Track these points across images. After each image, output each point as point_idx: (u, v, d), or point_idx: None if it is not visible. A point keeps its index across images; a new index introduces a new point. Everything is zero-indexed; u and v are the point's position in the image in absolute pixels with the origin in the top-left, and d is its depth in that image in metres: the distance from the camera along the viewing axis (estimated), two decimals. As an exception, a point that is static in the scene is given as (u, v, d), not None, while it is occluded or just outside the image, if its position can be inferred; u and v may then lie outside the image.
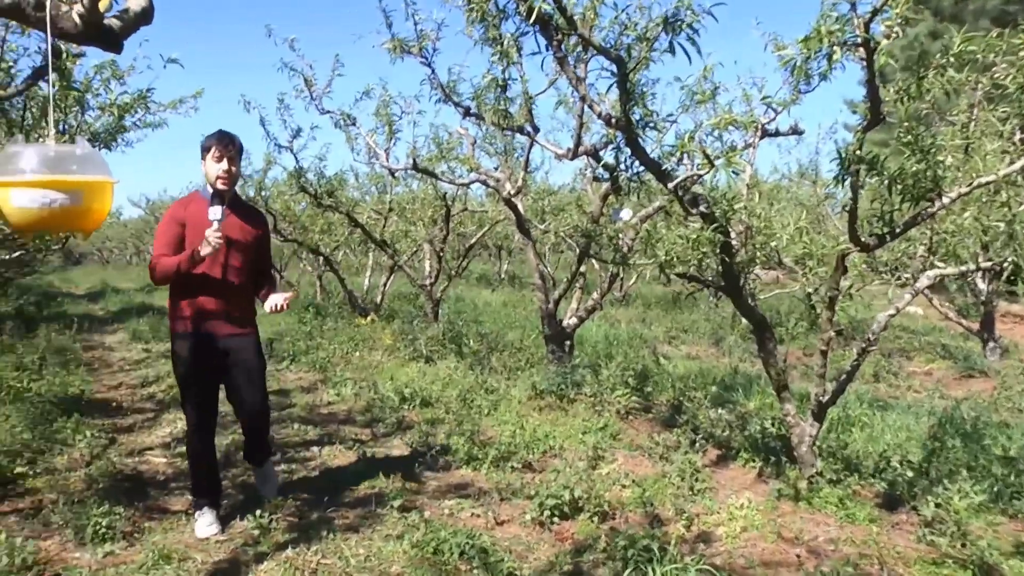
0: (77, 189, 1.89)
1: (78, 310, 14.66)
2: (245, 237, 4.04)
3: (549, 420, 6.04)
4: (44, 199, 1.85)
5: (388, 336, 9.44)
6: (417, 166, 7.76)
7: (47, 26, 1.81)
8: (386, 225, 12.20)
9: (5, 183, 1.89)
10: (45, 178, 1.88)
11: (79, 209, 1.90)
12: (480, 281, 21.46)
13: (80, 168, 1.93)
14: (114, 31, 1.92)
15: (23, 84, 3.77)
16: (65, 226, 2.03)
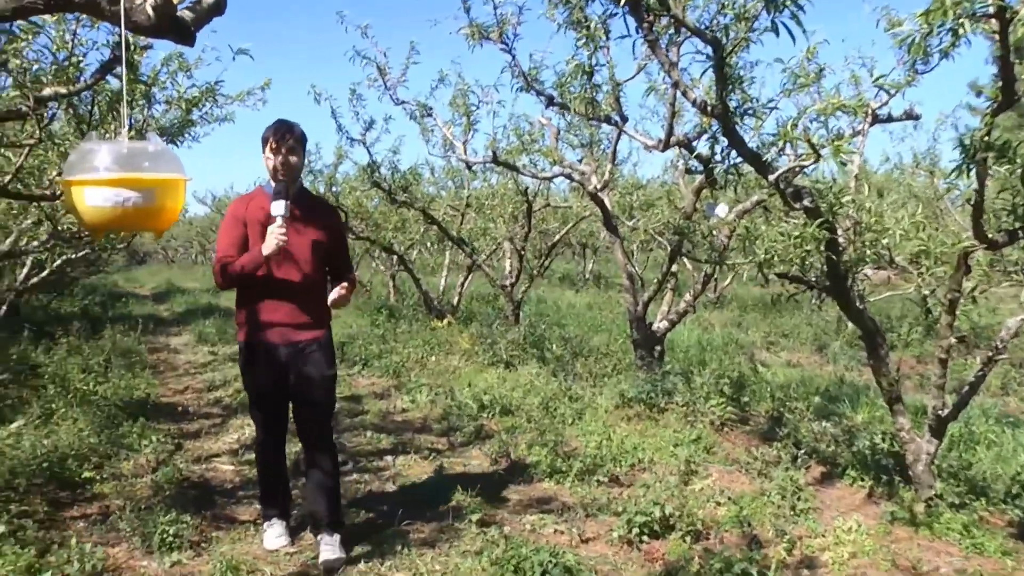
0: (150, 187, 1.95)
1: (143, 311, 15.22)
2: (314, 234, 3.90)
3: (638, 431, 5.99)
4: (117, 198, 1.91)
5: (466, 340, 9.51)
6: (497, 159, 7.79)
7: (121, 20, 1.88)
8: (463, 222, 12.29)
9: (79, 181, 1.97)
10: (118, 176, 1.94)
11: (152, 208, 1.96)
12: (563, 281, 21.44)
13: (153, 165, 1.99)
14: (187, 23, 1.98)
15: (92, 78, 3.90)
16: (138, 225, 2.10)
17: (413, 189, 10.64)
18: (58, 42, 4.01)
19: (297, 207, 3.87)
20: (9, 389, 6.54)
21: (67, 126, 5.92)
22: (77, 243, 8.49)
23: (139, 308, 15.81)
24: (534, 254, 14.59)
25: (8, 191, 4.72)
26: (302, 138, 3.90)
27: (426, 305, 12.34)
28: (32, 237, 7.34)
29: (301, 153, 3.91)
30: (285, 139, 3.81)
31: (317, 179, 11.89)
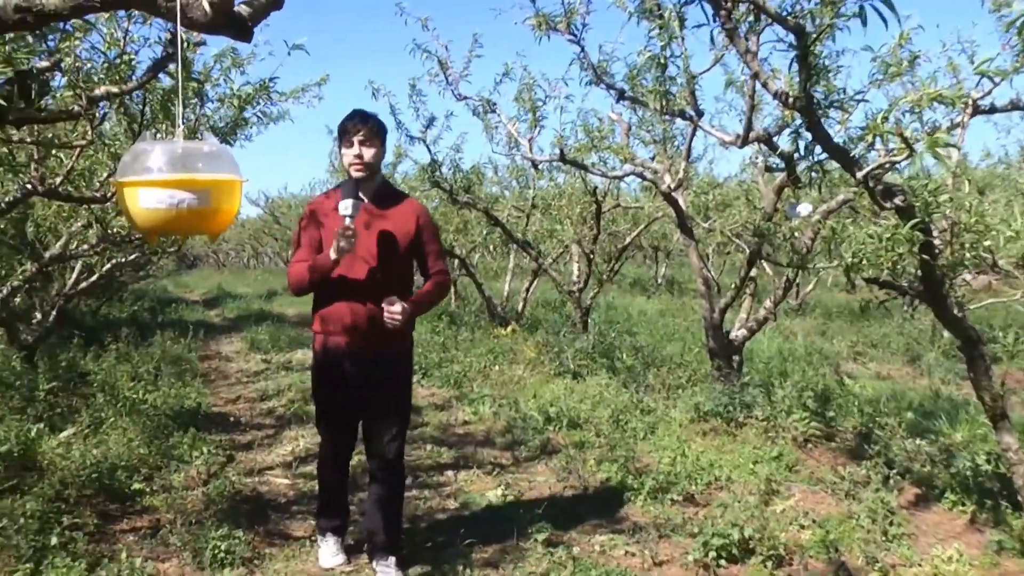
0: (205, 188, 1.99)
1: (193, 317, 15.57)
2: (391, 233, 3.84)
3: (714, 446, 5.94)
4: (171, 200, 1.96)
5: (531, 348, 9.52)
6: (565, 157, 7.79)
7: (176, 16, 1.93)
8: (529, 224, 12.31)
9: (133, 183, 2.03)
10: (172, 177, 1.99)
11: (207, 210, 2.01)
12: (634, 287, 21.32)
13: (208, 166, 2.04)
14: (244, 18, 2.02)
15: (144, 77, 4.01)
16: (192, 228, 2.15)
17: (476, 189, 10.70)
18: (109, 40, 4.12)
19: (374, 204, 3.84)
20: (59, 397, 6.74)
21: (118, 126, 6.09)
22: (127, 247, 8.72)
23: (189, 314, 16.18)
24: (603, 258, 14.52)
25: (59, 193, 4.87)
26: (378, 129, 3.85)
27: (489, 312, 12.39)
28: (82, 240, 7.55)
29: (378, 145, 3.85)
30: (358, 130, 3.77)
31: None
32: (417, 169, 11.10)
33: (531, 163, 9.50)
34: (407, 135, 9.53)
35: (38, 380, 6.68)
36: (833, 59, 4.07)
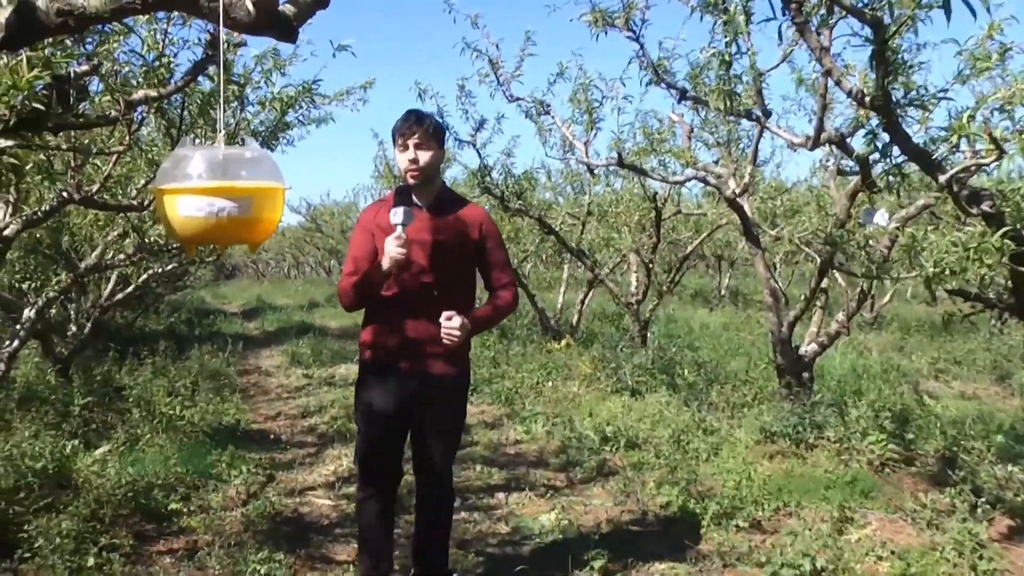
0: (246, 196, 2.02)
1: (232, 329, 15.78)
2: (450, 242, 3.73)
3: (782, 470, 5.87)
4: (211, 208, 1.99)
5: (586, 364, 9.50)
6: (622, 161, 7.78)
7: (219, 16, 1.96)
8: (584, 231, 12.30)
9: (171, 190, 2.06)
10: (212, 185, 2.02)
11: (248, 219, 2.03)
12: (696, 298, 21.19)
13: (250, 173, 2.07)
14: (289, 18, 2.05)
15: (182, 79, 4.08)
16: (232, 237, 2.18)
17: (528, 195, 10.72)
18: (148, 42, 4.20)
19: (432, 212, 3.75)
20: (94, 413, 6.87)
21: (156, 131, 6.20)
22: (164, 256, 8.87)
23: (227, 326, 16.40)
24: (663, 267, 14.48)
25: (95, 201, 4.97)
26: (435, 131, 3.75)
27: (542, 325, 12.38)
28: (118, 250, 7.69)
29: (435, 148, 3.74)
30: (413, 132, 3.67)
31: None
32: (466, 174, 11.17)
33: (587, 168, 9.49)
34: (456, 138, 9.60)
35: (73, 395, 6.82)
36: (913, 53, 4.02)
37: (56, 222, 6.69)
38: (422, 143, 3.69)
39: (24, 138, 3.11)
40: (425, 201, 3.77)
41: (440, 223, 3.75)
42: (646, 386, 8.48)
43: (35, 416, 6.12)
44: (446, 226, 3.75)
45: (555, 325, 12.33)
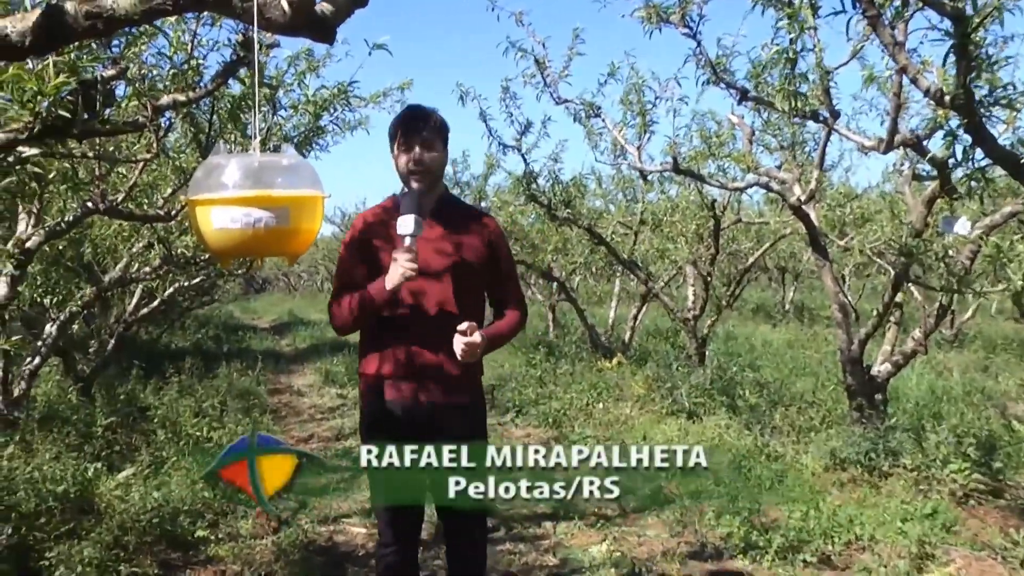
0: (284, 206, 2.05)
1: (262, 346, 15.92)
2: (460, 257, 3.50)
3: (854, 500, 5.81)
4: (247, 218, 2.02)
5: (640, 383, 9.47)
6: (678, 166, 7.76)
7: (254, 17, 2.00)
8: (637, 242, 12.27)
9: (205, 201, 2.09)
10: (248, 194, 2.05)
11: (286, 229, 2.06)
12: (758, 313, 21.05)
13: (287, 181, 2.10)
14: (326, 18, 2.08)
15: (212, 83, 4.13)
16: (269, 249, 2.22)
17: (577, 203, 10.71)
18: (176, 44, 4.26)
19: (438, 221, 3.52)
20: (117, 434, 6.97)
21: (183, 137, 6.29)
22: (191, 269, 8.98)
23: (257, 343, 16.56)
24: (722, 280, 14.38)
25: (121, 211, 5.06)
26: (441, 128, 3.53)
27: (592, 342, 12.36)
28: (143, 263, 7.80)
29: (440, 148, 3.53)
30: (417, 129, 3.46)
31: (464, 192, 12.13)
32: (511, 181, 11.18)
33: (640, 173, 9.50)
34: (499, 143, 9.56)
35: (95, 415, 6.92)
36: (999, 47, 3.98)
37: (79, 233, 6.81)
38: (428, 141, 3.47)
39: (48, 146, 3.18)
40: (428, 209, 3.49)
41: (448, 233, 3.53)
42: (704, 408, 8.43)
43: (56, 437, 6.22)
44: (456, 236, 3.54)
45: (606, 342, 12.30)
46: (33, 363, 6.38)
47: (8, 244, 4.48)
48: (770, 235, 13.31)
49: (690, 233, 11.77)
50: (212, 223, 2.07)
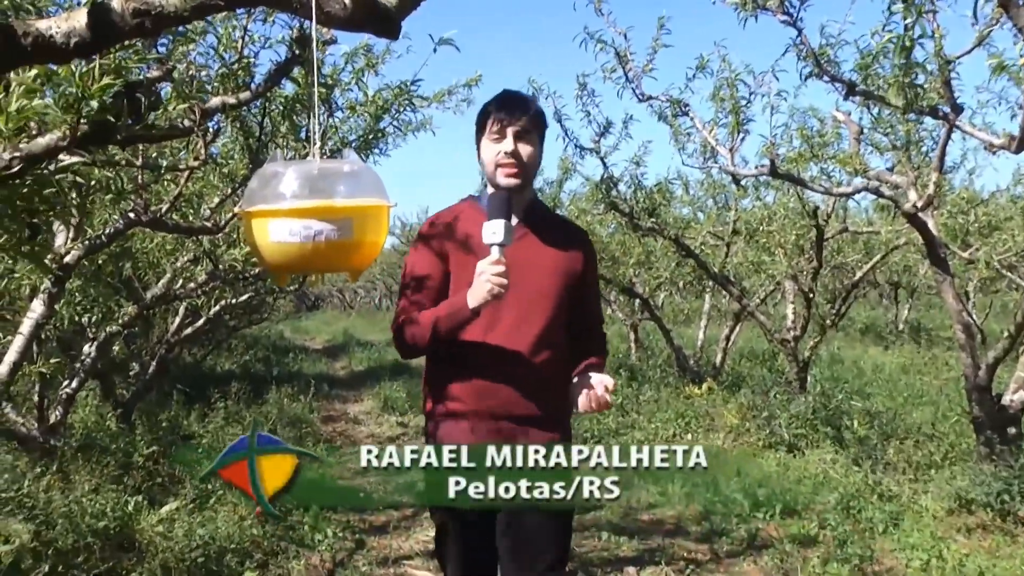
0: (346, 217, 2.07)
1: (315, 369, 16.09)
2: (552, 273, 3.27)
3: (984, 548, 5.71)
4: (307, 231, 2.05)
5: (732, 412, 9.41)
6: (776, 169, 7.70)
7: (312, 10, 2.03)
8: (729, 254, 12.20)
9: (260, 212, 2.13)
10: (307, 205, 2.08)
11: (349, 243, 2.09)
12: (867, 334, 20.76)
13: (349, 189, 2.13)
14: (390, 11, 2.10)
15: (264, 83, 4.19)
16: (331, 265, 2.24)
17: (662, 211, 10.68)
18: (226, 41, 4.33)
19: (528, 230, 3.31)
20: (159, 465, 7.08)
21: (232, 142, 6.38)
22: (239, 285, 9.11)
23: (310, 366, 16.74)
24: (826, 297, 14.24)
25: (165, 223, 5.15)
26: (539, 119, 3.33)
27: (679, 365, 12.31)
28: (188, 278, 7.90)
29: (537, 142, 3.32)
30: (513, 116, 3.22)
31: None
32: (588, 187, 11.19)
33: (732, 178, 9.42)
34: (576, 145, 9.54)
35: (136, 443, 7.05)
36: None
37: (119, 246, 6.94)
38: (525, 132, 3.24)
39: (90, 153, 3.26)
40: (518, 213, 3.28)
41: (541, 244, 3.31)
42: (806, 440, 8.36)
43: (95, 467, 6.34)
44: (547, 247, 3.31)
45: (694, 366, 12.24)
46: (70, 387, 6.52)
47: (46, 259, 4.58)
48: (881, 246, 13.13)
49: (789, 244, 11.65)
50: (269, 236, 2.10)
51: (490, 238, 2.97)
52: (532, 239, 3.30)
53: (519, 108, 3.25)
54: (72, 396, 6.58)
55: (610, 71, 8.10)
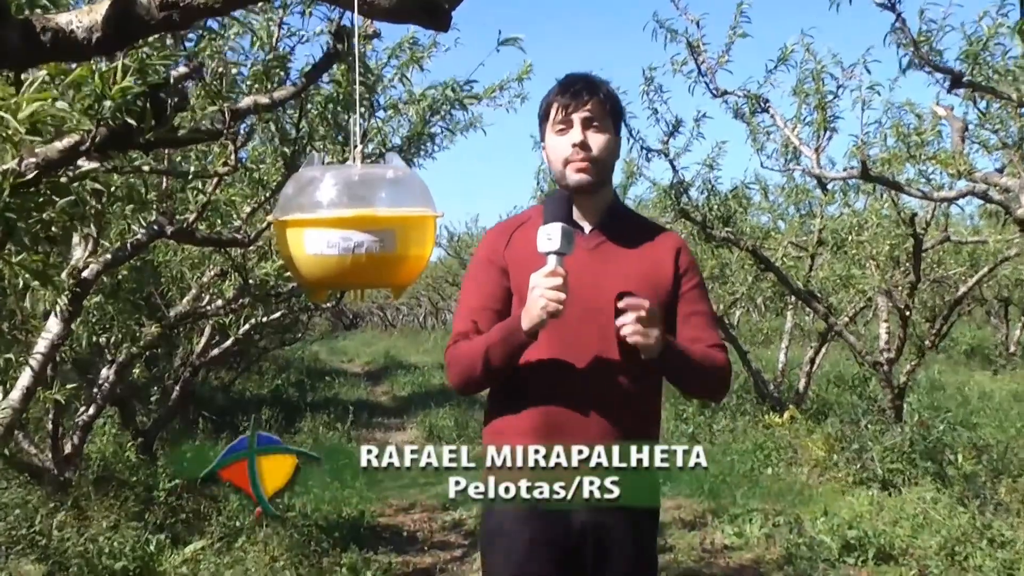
0: (389, 228, 2.08)
1: (353, 395, 16.18)
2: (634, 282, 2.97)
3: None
4: (346, 243, 2.06)
5: (818, 444, 9.34)
6: (867, 172, 7.65)
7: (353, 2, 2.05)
8: (814, 267, 12.12)
9: (296, 222, 2.15)
10: (347, 214, 2.09)
11: (392, 256, 2.09)
12: (972, 357, 20.54)
13: (393, 197, 2.14)
14: (439, 2, 2.12)
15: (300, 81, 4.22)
16: (372, 280, 2.26)
17: (738, 219, 10.64)
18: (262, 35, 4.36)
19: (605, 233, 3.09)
20: (183, 500, 7.15)
21: (264, 146, 6.43)
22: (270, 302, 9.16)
23: (348, 391, 16.83)
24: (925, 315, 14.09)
25: (192, 235, 5.19)
26: (613, 105, 3.11)
27: (757, 390, 12.25)
28: (215, 295, 7.94)
29: (612, 131, 3.09)
30: (581, 102, 3.00)
31: (599, 206, 12.13)
32: (656, 193, 11.16)
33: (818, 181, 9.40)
34: (642, 147, 9.51)
35: (158, 477, 7.12)
36: None
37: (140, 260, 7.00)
38: (595, 118, 3.03)
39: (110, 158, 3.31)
40: (592, 217, 3.11)
41: (617, 252, 3.06)
42: (903, 476, 8.27)
43: (113, 502, 6.41)
44: (627, 256, 3.05)
45: (775, 392, 12.16)
46: (87, 414, 6.60)
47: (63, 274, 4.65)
48: (988, 257, 12.98)
49: (883, 256, 11.55)
50: (305, 248, 2.11)
51: (545, 245, 2.75)
52: (610, 247, 3.06)
53: (586, 90, 3.02)
54: (89, 424, 6.67)
55: (681, 64, 8.07)
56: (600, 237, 3.07)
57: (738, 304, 15.02)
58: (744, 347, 12.50)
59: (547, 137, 3.09)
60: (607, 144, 3.04)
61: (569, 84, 3.05)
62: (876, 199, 11.75)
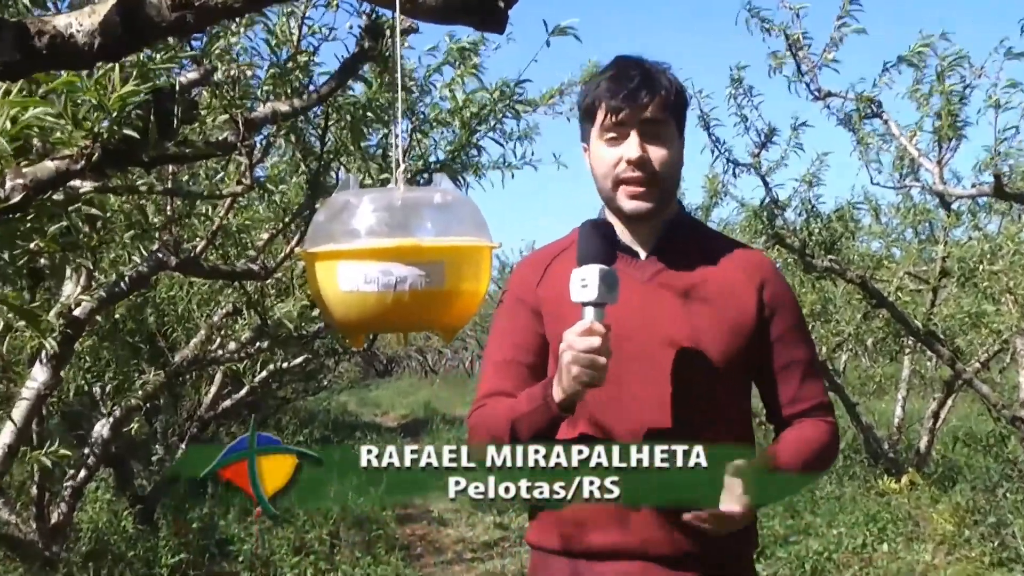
0: (437, 260, 2.08)
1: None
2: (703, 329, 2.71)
3: None
4: (387, 279, 2.06)
5: (946, 516, 9.26)
6: (1003, 189, 7.60)
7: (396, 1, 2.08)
8: (937, 303, 12.04)
9: (328, 254, 2.16)
10: (388, 244, 2.10)
11: (439, 292, 2.09)
12: None
13: (440, 225, 2.16)
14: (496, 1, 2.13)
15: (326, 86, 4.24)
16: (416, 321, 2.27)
17: (844, 245, 10.59)
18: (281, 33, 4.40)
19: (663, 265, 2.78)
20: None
21: (285, 162, 6.44)
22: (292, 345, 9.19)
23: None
24: (1072, 361, 13.97)
25: (200, 266, 5.19)
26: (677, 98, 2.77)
27: (868, 450, 12.17)
28: (227, 336, 7.94)
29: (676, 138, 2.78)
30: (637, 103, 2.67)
31: (678, 228, 12.10)
32: (745, 214, 11.12)
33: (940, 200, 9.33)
34: (728, 160, 9.44)
35: (159, 550, 7.15)
36: None
37: (140, 296, 7.03)
38: (658, 126, 2.72)
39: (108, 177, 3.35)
40: (648, 239, 2.82)
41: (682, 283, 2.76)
42: (1052, 556, 8.21)
43: (106, 581, 6.46)
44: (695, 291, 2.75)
45: (890, 451, 12.08)
46: (78, 478, 6.63)
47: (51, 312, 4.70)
48: None
49: (1021, 289, 11.48)
50: (339, 285, 2.12)
51: (579, 294, 2.44)
52: (671, 277, 2.76)
53: (645, 86, 2.67)
54: (80, 489, 6.70)
55: (778, 61, 7.99)
56: (658, 265, 2.77)
57: (844, 347, 14.91)
58: (852, 398, 12.42)
59: (592, 142, 2.78)
60: (671, 158, 2.73)
61: (621, 77, 2.70)
62: (1013, 221, 11.67)
